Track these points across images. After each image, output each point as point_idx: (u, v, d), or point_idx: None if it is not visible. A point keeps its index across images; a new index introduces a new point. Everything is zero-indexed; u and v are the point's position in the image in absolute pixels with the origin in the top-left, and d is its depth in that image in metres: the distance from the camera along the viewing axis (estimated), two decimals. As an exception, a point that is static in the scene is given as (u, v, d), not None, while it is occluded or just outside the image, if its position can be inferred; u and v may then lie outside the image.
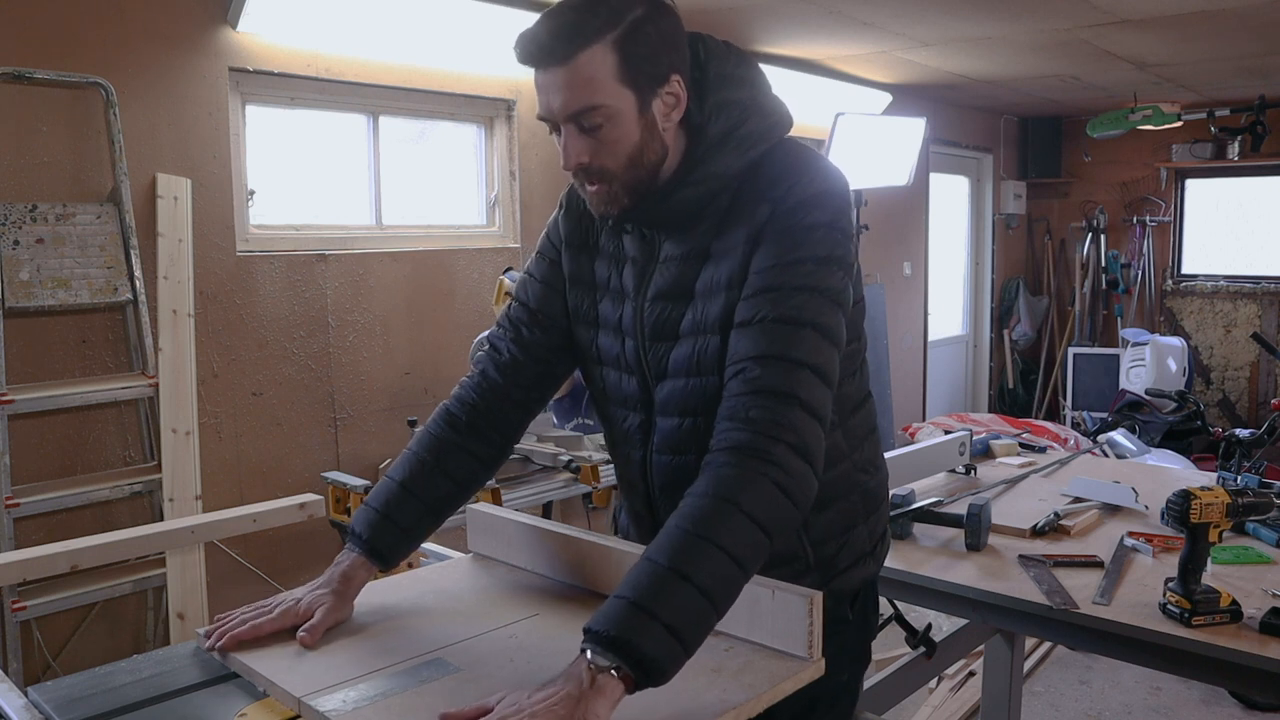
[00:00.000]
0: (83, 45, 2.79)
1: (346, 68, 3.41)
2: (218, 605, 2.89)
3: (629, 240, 1.36)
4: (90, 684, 1.20)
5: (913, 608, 2.28)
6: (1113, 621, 1.67)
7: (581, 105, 1.20)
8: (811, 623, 1.14)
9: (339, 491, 2.74)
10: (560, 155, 1.26)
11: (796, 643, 1.15)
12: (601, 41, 1.19)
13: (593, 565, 1.37)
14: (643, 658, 1.00)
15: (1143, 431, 5.36)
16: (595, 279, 1.41)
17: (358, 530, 1.36)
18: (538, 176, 4.05)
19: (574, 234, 1.43)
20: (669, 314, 1.31)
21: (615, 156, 1.24)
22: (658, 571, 1.04)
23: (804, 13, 3.91)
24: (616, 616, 1.02)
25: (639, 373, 1.35)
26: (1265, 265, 6.94)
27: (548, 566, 1.44)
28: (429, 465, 1.40)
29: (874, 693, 2.37)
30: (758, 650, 1.18)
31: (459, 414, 1.43)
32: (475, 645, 1.23)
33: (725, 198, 1.28)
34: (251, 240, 3.28)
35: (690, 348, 1.29)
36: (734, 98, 1.28)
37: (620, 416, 1.40)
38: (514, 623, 1.29)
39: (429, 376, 3.74)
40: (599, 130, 1.22)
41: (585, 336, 1.42)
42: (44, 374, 2.80)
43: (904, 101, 5.91)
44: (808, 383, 1.15)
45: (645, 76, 1.21)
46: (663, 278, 1.32)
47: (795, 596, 1.15)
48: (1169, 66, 5.16)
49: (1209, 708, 3.44)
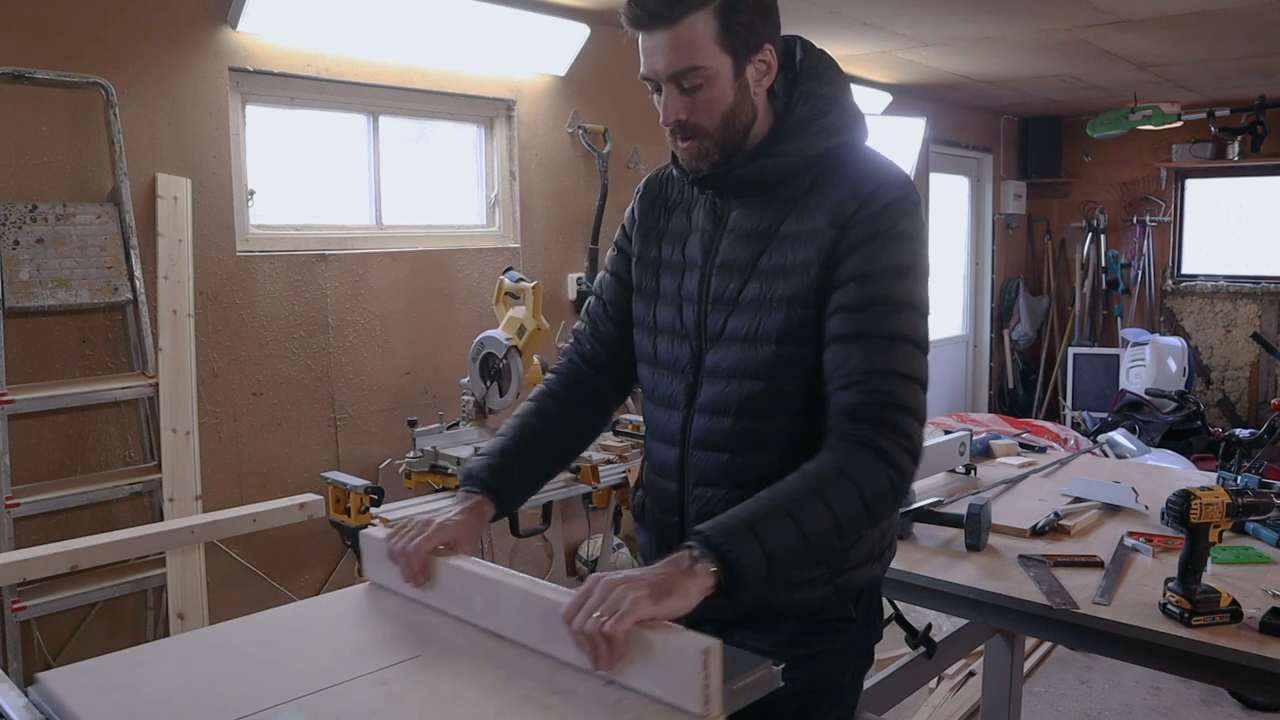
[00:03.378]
0: (83, 45, 2.79)
1: (346, 68, 3.41)
2: (217, 605, 2.89)
3: (698, 212, 1.45)
4: (89, 684, 1.19)
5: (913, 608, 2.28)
6: (1113, 621, 1.67)
7: (683, 66, 1.30)
8: (708, 675, 1.02)
9: (339, 491, 2.74)
10: (660, 112, 1.35)
11: (690, 697, 1.03)
12: (705, 8, 1.28)
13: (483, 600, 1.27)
14: (736, 568, 1.14)
15: (1143, 431, 5.36)
16: (660, 256, 1.50)
17: (475, 473, 1.45)
18: (538, 176, 4.05)
19: (647, 216, 1.54)
20: (731, 283, 1.39)
21: (710, 115, 1.33)
22: (773, 508, 1.20)
23: (804, 13, 3.91)
24: (728, 530, 1.17)
25: (695, 337, 1.43)
26: (1265, 265, 6.94)
27: (440, 599, 1.32)
28: (535, 428, 1.52)
29: (874, 693, 2.37)
30: (651, 704, 1.06)
31: (557, 388, 1.58)
32: (340, 694, 1.12)
33: (803, 181, 1.37)
34: (251, 240, 3.28)
35: (752, 317, 1.36)
36: (820, 91, 1.39)
37: (667, 380, 1.47)
38: (389, 666, 1.19)
39: (429, 376, 3.74)
40: (698, 90, 1.31)
41: (643, 310, 1.52)
42: (44, 374, 2.80)
43: (904, 101, 5.91)
44: (915, 394, 1.30)
45: (742, 43, 1.31)
46: (730, 248, 1.40)
47: (689, 643, 1.04)
48: (1169, 66, 5.16)
49: (1209, 708, 3.44)
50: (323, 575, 3.46)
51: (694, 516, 1.42)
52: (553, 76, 4.00)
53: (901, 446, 1.26)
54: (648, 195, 1.56)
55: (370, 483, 2.72)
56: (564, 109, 4.07)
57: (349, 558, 3.31)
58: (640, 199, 1.57)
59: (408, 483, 3.12)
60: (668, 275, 1.48)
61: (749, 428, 1.38)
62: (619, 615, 1.07)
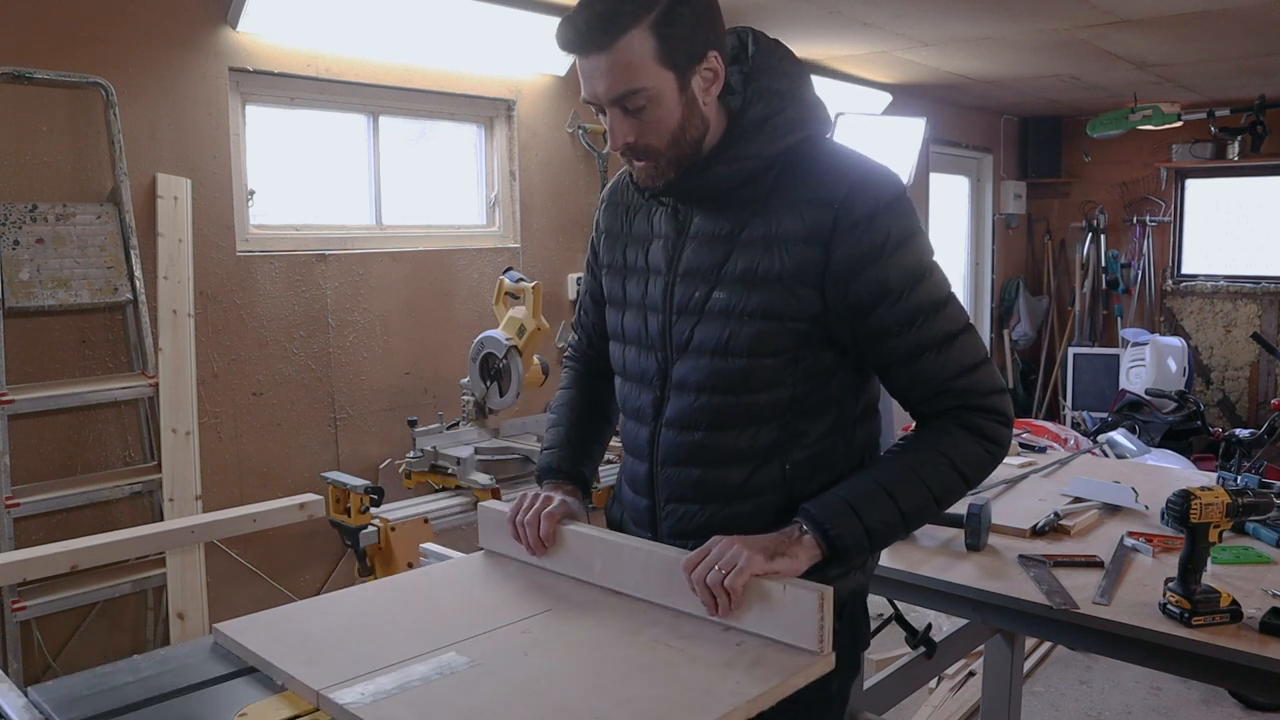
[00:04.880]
0: (83, 45, 2.79)
1: (346, 68, 3.41)
2: (218, 605, 2.89)
3: (662, 218, 1.42)
4: (90, 684, 1.20)
5: (913, 608, 2.28)
6: (1113, 621, 1.67)
7: (624, 89, 1.26)
8: (822, 617, 1.16)
9: (339, 491, 2.74)
10: (607, 136, 1.33)
11: (808, 637, 1.17)
12: (639, 26, 1.23)
13: (604, 562, 1.38)
14: (839, 544, 1.26)
15: (1143, 431, 5.36)
16: (625, 263, 1.48)
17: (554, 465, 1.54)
18: (538, 176, 4.05)
19: (613, 224, 1.52)
20: (696, 291, 1.35)
21: (659, 134, 1.29)
22: (873, 486, 1.30)
23: (804, 13, 3.91)
24: (831, 509, 1.28)
25: (660, 348, 1.40)
26: (1265, 265, 6.93)
27: (558, 563, 1.44)
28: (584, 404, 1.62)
29: (874, 693, 2.37)
30: (769, 645, 1.19)
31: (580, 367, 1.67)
32: (489, 640, 1.24)
33: (763, 182, 1.32)
34: (251, 240, 3.28)
35: (721, 329, 1.33)
36: (775, 87, 1.33)
37: (635, 393, 1.45)
38: (528, 618, 1.30)
39: (429, 376, 3.74)
40: (642, 111, 1.27)
41: (614, 319, 1.50)
42: (44, 374, 2.80)
43: (904, 101, 5.91)
44: (990, 373, 1.34)
45: (683, 56, 1.26)
46: (693, 254, 1.37)
47: (806, 591, 1.17)
48: (1169, 66, 5.16)
49: (1209, 708, 3.44)
50: (323, 575, 3.46)
51: (667, 533, 1.42)
52: (553, 76, 4.00)
53: (995, 420, 1.33)
54: (611, 202, 1.54)
55: (370, 483, 2.72)
56: (564, 109, 4.07)
57: (349, 558, 3.30)
58: (605, 208, 1.54)
59: (408, 483, 3.13)
60: (633, 282, 1.45)
61: (719, 442, 1.35)
62: (737, 570, 1.21)
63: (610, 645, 1.21)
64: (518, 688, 1.11)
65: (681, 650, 1.19)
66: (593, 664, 1.17)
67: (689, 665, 1.15)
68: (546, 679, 1.12)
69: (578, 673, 1.15)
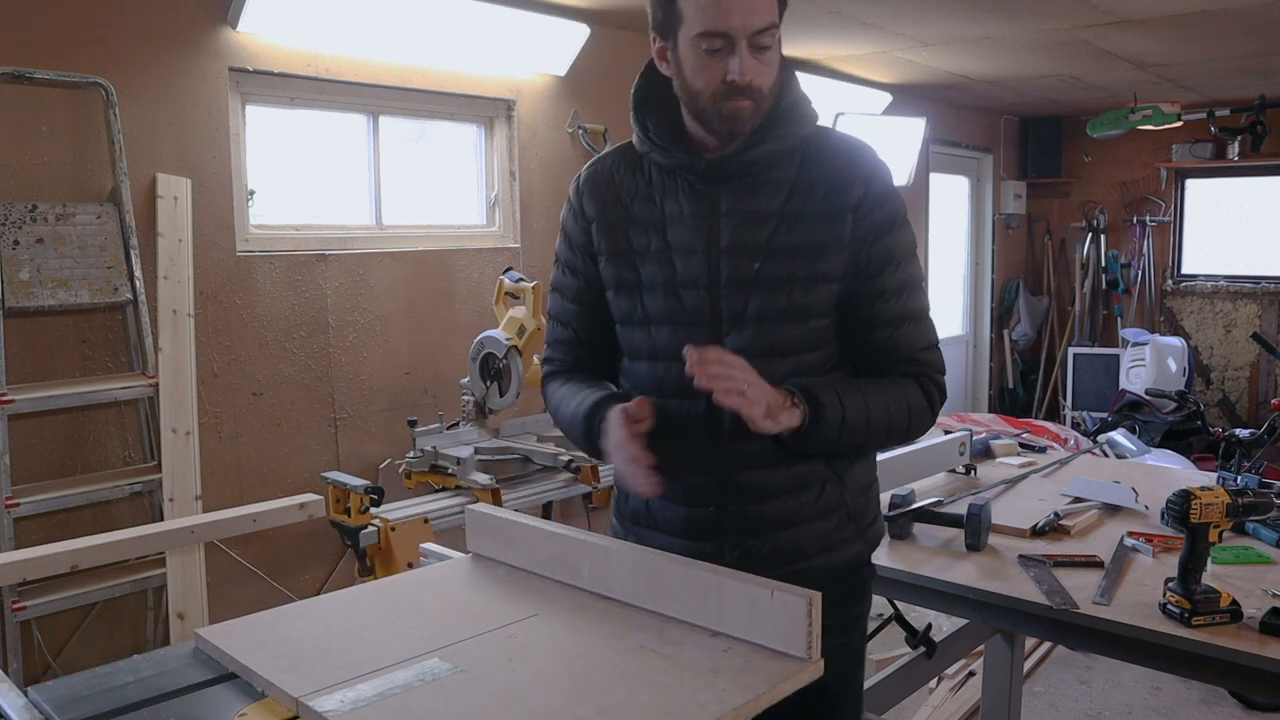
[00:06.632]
0: (83, 45, 2.79)
1: (346, 68, 3.40)
2: (218, 605, 2.89)
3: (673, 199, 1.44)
4: (90, 684, 1.20)
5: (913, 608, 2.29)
6: (1113, 621, 1.67)
7: (767, 22, 1.33)
8: (810, 623, 1.15)
9: (339, 491, 2.73)
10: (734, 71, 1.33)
11: (795, 643, 1.16)
12: None
13: (592, 565, 1.37)
14: (820, 414, 1.35)
15: (1143, 431, 5.36)
16: (633, 246, 1.48)
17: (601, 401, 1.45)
18: (538, 176, 4.05)
19: (604, 210, 1.50)
20: (748, 264, 1.41)
21: (767, 78, 1.37)
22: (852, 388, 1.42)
23: (804, 13, 3.91)
24: (819, 386, 1.39)
25: (708, 323, 1.43)
26: (1265, 265, 6.93)
27: (547, 567, 1.44)
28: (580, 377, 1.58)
29: (874, 693, 2.37)
30: (757, 651, 1.18)
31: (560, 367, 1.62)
32: (473, 645, 1.23)
33: (791, 163, 1.42)
34: (251, 240, 3.28)
35: (784, 295, 1.41)
36: (790, 80, 1.44)
37: (678, 371, 1.41)
38: (513, 623, 1.29)
39: (429, 376, 3.74)
40: (766, 52, 1.34)
41: (628, 304, 1.49)
42: (44, 374, 2.80)
43: (904, 101, 5.91)
44: (940, 354, 1.52)
45: (783, 8, 1.36)
46: (736, 230, 1.42)
47: (794, 597, 1.16)
48: (1169, 66, 5.16)
49: (1209, 708, 3.44)
50: (323, 575, 3.46)
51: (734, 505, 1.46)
52: (553, 76, 4.00)
53: (940, 393, 1.51)
54: (598, 189, 1.52)
55: (370, 483, 2.72)
56: (564, 109, 4.07)
57: (349, 558, 3.30)
58: (589, 196, 1.52)
59: (408, 483, 3.13)
60: (652, 264, 1.45)
61: None
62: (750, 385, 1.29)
63: (595, 651, 1.21)
64: (500, 695, 1.10)
65: (668, 656, 1.18)
66: (577, 670, 1.16)
67: (675, 672, 1.14)
68: (529, 686, 1.12)
69: (561, 679, 1.14)
